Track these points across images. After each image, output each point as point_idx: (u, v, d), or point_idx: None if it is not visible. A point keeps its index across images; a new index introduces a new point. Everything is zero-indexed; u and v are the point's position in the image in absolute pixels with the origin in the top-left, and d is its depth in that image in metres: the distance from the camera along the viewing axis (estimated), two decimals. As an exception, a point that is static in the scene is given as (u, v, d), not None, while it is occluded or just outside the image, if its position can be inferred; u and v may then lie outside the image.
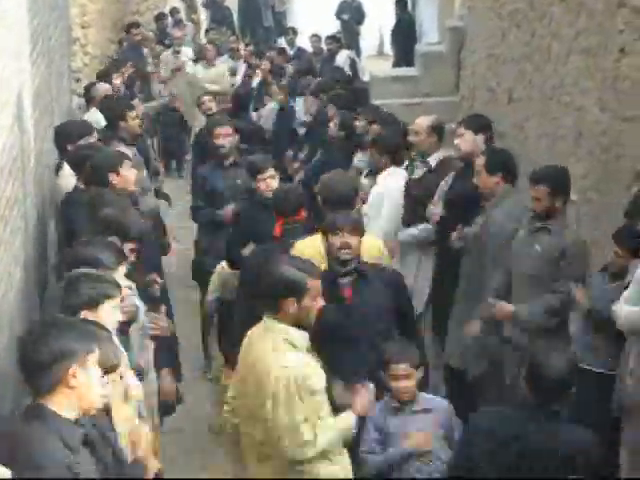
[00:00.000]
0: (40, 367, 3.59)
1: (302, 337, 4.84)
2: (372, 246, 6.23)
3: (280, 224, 6.65)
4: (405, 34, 17.12)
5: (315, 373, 4.78)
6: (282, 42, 17.95)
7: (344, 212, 5.94)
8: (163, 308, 6.10)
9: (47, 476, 3.40)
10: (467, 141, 7.31)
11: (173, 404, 6.43)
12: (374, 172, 8.29)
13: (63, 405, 3.61)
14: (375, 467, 5.31)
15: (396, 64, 17.07)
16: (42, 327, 3.76)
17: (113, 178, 6.70)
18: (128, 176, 6.81)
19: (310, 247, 6.07)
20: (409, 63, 15.38)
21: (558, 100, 8.40)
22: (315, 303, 4.86)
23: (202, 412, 7.45)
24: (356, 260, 5.69)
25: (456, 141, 7.40)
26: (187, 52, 15.37)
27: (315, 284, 4.84)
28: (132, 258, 5.66)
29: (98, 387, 3.73)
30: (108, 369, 4.01)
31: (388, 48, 19.41)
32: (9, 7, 6.54)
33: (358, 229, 5.74)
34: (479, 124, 7.46)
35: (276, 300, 4.80)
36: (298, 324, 4.85)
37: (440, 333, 7.53)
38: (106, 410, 4.16)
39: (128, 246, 5.66)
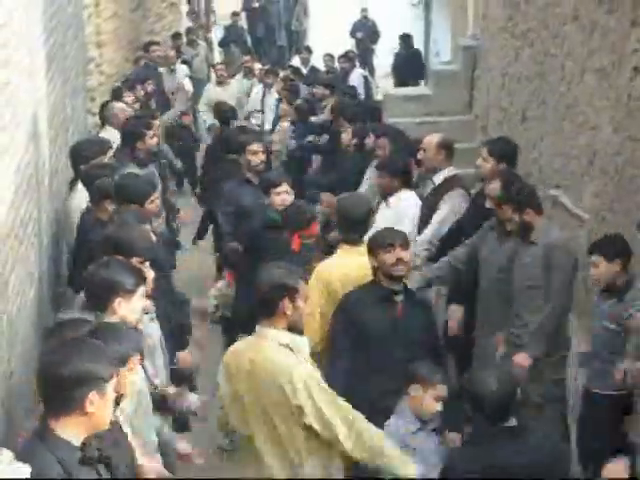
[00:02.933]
0: (60, 389, 3.59)
1: (302, 342, 4.98)
2: None
3: (297, 240, 6.70)
4: (405, 70, 17.36)
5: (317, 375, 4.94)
6: (296, 61, 18.01)
7: (391, 228, 6.14)
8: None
9: None
10: (488, 168, 7.31)
11: (188, 422, 6.44)
12: (383, 195, 8.23)
13: (71, 429, 3.62)
14: None
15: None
16: (66, 347, 3.73)
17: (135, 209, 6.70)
18: (150, 210, 6.85)
19: (355, 266, 6.16)
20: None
21: (572, 119, 8.40)
22: (304, 306, 5.02)
23: (214, 431, 7.43)
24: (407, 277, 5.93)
25: (478, 162, 7.44)
26: (183, 69, 15.44)
27: (304, 286, 5.03)
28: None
29: (110, 411, 3.74)
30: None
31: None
32: (25, 26, 6.59)
33: (408, 244, 5.94)
34: (503, 151, 7.42)
35: (273, 303, 4.91)
36: (294, 328, 4.97)
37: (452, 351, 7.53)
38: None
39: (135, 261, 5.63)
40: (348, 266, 6.25)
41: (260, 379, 4.88)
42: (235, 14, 21.57)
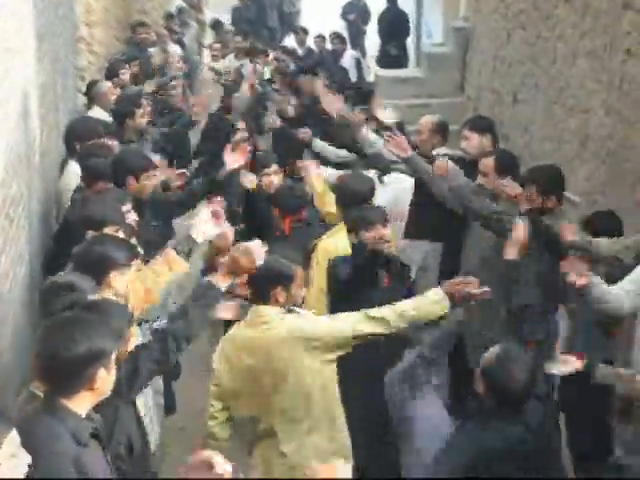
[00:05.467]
0: (69, 369, 3.59)
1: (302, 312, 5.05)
2: None
3: (288, 222, 6.68)
4: (389, 29, 17.46)
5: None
6: (289, 42, 17.93)
7: (371, 206, 6.18)
8: None
9: (56, 470, 3.42)
10: (474, 143, 7.32)
11: (173, 405, 6.47)
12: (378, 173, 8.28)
13: (79, 402, 3.63)
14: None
15: (380, 58, 17.37)
16: (70, 324, 3.70)
17: (131, 183, 6.71)
18: (147, 186, 6.83)
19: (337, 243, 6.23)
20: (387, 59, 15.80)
21: (563, 102, 8.40)
22: (300, 290, 5.01)
23: (202, 408, 7.43)
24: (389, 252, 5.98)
25: (463, 144, 7.40)
26: (175, 49, 15.36)
27: (300, 272, 4.99)
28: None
29: (112, 380, 3.76)
30: None
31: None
32: (15, 5, 6.56)
33: (388, 220, 6.01)
34: (484, 125, 7.47)
35: (266, 289, 4.91)
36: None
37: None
38: None
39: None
40: (330, 242, 6.35)
41: (260, 362, 4.89)
42: None
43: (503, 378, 4.60)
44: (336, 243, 6.30)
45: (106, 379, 3.68)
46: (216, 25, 18.41)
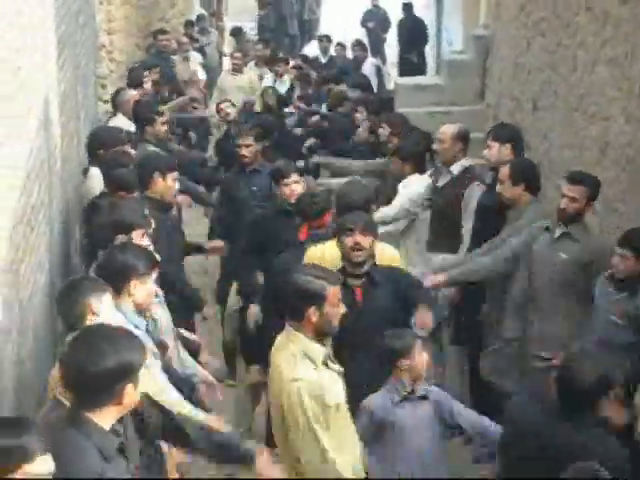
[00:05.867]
0: (95, 385, 3.58)
1: (319, 351, 4.81)
2: (382, 253, 6.12)
3: (305, 229, 6.67)
4: (404, 38, 17.53)
5: (329, 388, 4.78)
6: (311, 50, 17.97)
7: (356, 213, 5.98)
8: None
9: None
10: (493, 152, 7.33)
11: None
12: (396, 180, 8.28)
13: (104, 416, 3.62)
14: None
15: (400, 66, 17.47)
16: (95, 339, 3.66)
17: (157, 181, 6.78)
18: (172, 186, 6.90)
19: (327, 250, 6.09)
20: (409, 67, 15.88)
21: (583, 110, 8.37)
22: (337, 309, 4.85)
23: (224, 418, 7.45)
24: (370, 262, 5.74)
25: (484, 152, 7.43)
26: (196, 57, 15.41)
27: (334, 291, 4.83)
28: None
29: (139, 394, 3.75)
30: None
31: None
32: (35, 13, 6.59)
33: (370, 229, 5.77)
34: (506, 135, 7.47)
35: (299, 310, 4.79)
36: (321, 333, 4.85)
37: (461, 343, 7.54)
38: None
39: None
40: (339, 254, 6.18)
41: (272, 375, 4.89)
42: (267, 3, 21.68)
43: (573, 376, 4.57)
44: (323, 251, 6.13)
45: (133, 394, 3.66)
46: (236, 33, 18.48)
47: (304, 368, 4.75)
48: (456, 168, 7.82)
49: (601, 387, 4.60)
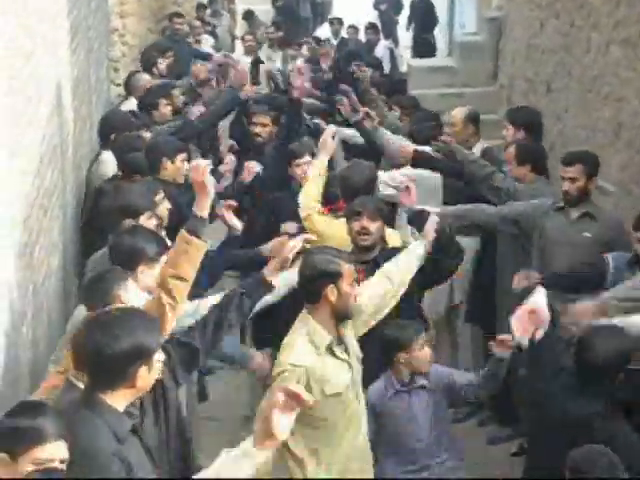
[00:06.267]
0: (111, 365, 3.59)
1: (324, 338, 4.80)
2: (388, 238, 6.10)
3: (326, 213, 6.65)
4: (420, 19, 17.58)
5: (330, 377, 4.78)
6: (323, 32, 17.91)
7: (366, 197, 5.96)
8: None
9: (96, 466, 3.43)
10: (510, 135, 7.33)
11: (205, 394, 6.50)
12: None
13: (117, 398, 3.63)
14: None
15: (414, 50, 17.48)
16: (112, 321, 3.68)
17: (166, 165, 6.79)
18: (181, 168, 6.89)
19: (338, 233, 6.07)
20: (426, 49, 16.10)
21: (597, 91, 8.34)
22: (353, 289, 4.85)
23: (236, 400, 7.48)
24: (378, 248, 5.74)
25: (504, 132, 7.46)
26: (208, 40, 15.37)
27: (349, 269, 4.84)
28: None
29: (154, 378, 3.76)
30: None
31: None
32: (49, -3, 6.60)
33: (378, 214, 5.75)
34: (521, 118, 7.47)
35: (317, 290, 4.79)
36: (340, 313, 4.83)
37: (482, 323, 7.50)
38: None
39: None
40: (340, 228, 6.12)
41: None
42: None
43: (590, 351, 4.63)
44: (333, 233, 6.13)
45: (147, 377, 3.67)
46: (249, 16, 18.43)
47: (304, 353, 4.75)
48: (476, 151, 7.76)
49: (620, 361, 4.63)
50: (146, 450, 3.77)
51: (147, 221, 5.60)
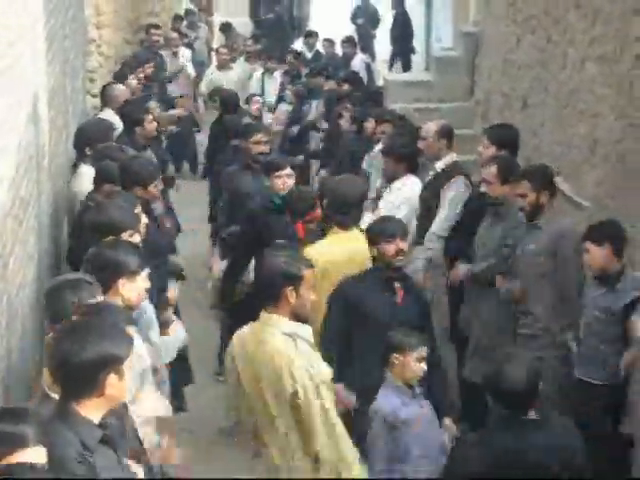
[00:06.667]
0: (78, 374, 3.63)
1: (306, 331, 4.92)
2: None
3: (302, 226, 6.70)
4: (400, 33, 17.87)
5: (320, 364, 4.88)
6: (298, 46, 17.97)
7: (390, 218, 6.28)
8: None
9: (64, 471, 3.47)
10: (489, 154, 7.29)
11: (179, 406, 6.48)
12: (387, 180, 8.25)
13: (90, 409, 3.67)
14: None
15: (391, 61, 17.69)
16: (81, 329, 3.73)
17: (139, 192, 6.68)
18: (153, 193, 6.84)
19: (341, 252, 6.27)
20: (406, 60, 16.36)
21: (573, 107, 8.39)
22: (310, 294, 4.94)
23: (213, 414, 7.45)
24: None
25: (480, 149, 7.45)
26: (185, 53, 15.37)
27: (309, 274, 4.94)
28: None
29: (126, 387, 3.79)
30: None
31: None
32: (25, 7, 6.57)
33: (407, 233, 6.11)
34: (503, 138, 7.43)
35: (276, 291, 4.87)
36: (297, 316, 4.92)
37: (455, 343, 7.53)
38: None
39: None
40: (334, 253, 6.29)
41: (261, 366, 4.87)
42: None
43: (503, 382, 4.62)
44: (316, 256, 6.03)
45: (118, 385, 3.69)
46: (226, 28, 18.46)
47: (302, 346, 4.85)
48: (439, 165, 7.81)
49: (534, 386, 4.65)
50: (119, 461, 3.78)
51: (129, 238, 5.59)
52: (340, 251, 6.29)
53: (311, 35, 17.71)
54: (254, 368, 4.91)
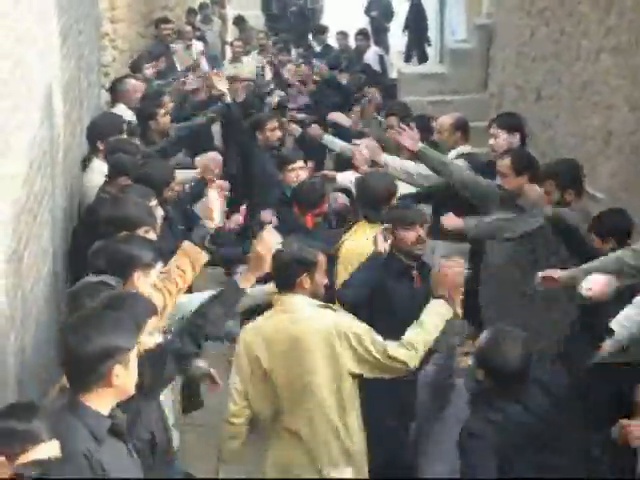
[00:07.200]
0: (84, 365, 3.66)
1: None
2: None
3: (310, 218, 6.72)
4: (415, 25, 18.04)
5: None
6: (310, 39, 17.96)
7: (411, 206, 6.23)
8: None
9: (68, 467, 3.48)
10: (501, 141, 7.28)
11: (196, 403, 6.48)
12: None
13: (99, 400, 3.70)
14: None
15: (408, 53, 17.64)
16: (86, 322, 3.77)
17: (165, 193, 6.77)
18: (170, 196, 6.91)
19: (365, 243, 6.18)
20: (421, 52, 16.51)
21: (587, 99, 8.36)
22: (324, 279, 5.11)
23: (223, 407, 7.46)
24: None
25: (491, 141, 7.39)
26: (198, 46, 15.37)
27: (322, 259, 5.10)
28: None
29: (134, 379, 3.80)
30: None
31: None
32: (38, 2, 6.58)
33: (427, 222, 6.07)
34: (512, 123, 7.44)
35: (292, 277, 5.01)
36: None
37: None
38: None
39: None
40: (356, 244, 6.29)
41: (303, 343, 4.93)
42: None
43: (497, 358, 4.62)
44: (357, 244, 6.30)
45: (125, 376, 3.72)
46: (239, 22, 18.44)
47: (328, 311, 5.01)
48: (451, 155, 7.79)
49: (526, 364, 4.65)
50: (129, 451, 3.82)
51: (145, 234, 5.62)
52: (362, 242, 6.24)
53: (320, 30, 17.69)
54: (277, 355, 4.98)
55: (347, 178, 7.86)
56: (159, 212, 6.14)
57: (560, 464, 4.63)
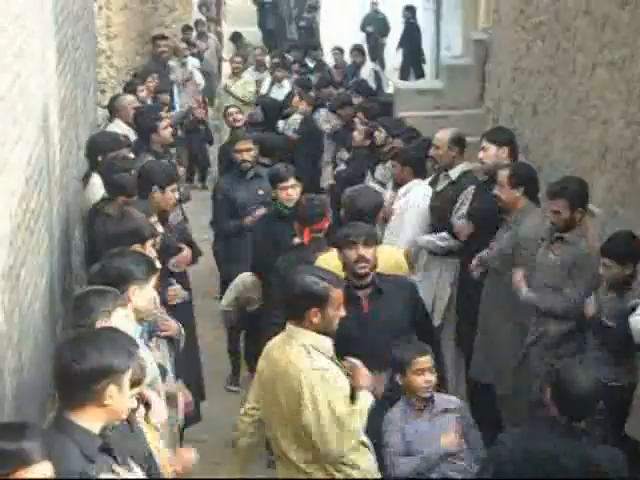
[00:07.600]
0: (76, 383, 3.64)
1: (329, 344, 4.89)
2: (389, 258, 6.21)
3: (307, 233, 6.70)
4: (410, 41, 18.06)
5: (341, 377, 4.87)
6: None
7: (356, 224, 5.94)
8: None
9: None
10: (490, 155, 7.32)
11: (195, 416, 6.46)
12: (395, 185, 8.32)
13: (89, 419, 3.66)
14: (410, 469, 5.33)
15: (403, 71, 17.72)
16: (82, 340, 3.75)
17: (154, 195, 6.80)
18: (171, 198, 6.92)
19: (334, 259, 6.08)
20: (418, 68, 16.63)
21: (583, 114, 8.38)
22: (338, 312, 4.89)
23: (224, 423, 7.45)
24: (374, 272, 5.71)
25: (480, 155, 7.42)
26: (193, 62, 15.43)
27: (338, 294, 4.87)
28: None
29: (128, 402, 3.79)
30: (133, 382, 4.00)
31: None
32: (35, 19, 6.59)
33: (372, 240, 5.72)
34: (502, 137, 7.47)
35: (300, 310, 4.83)
36: (320, 334, 4.88)
37: (462, 344, 7.54)
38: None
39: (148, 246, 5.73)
40: (326, 263, 6.16)
41: (279, 379, 4.87)
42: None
43: (570, 387, 4.65)
44: (329, 260, 6.02)
45: (118, 397, 3.68)
46: (236, 38, 18.49)
47: (318, 359, 4.81)
48: (454, 173, 7.81)
49: (597, 394, 4.68)
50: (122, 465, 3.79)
51: (150, 249, 5.66)
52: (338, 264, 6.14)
53: (313, 46, 17.79)
54: (273, 384, 4.91)
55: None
56: (158, 228, 6.19)
57: None
